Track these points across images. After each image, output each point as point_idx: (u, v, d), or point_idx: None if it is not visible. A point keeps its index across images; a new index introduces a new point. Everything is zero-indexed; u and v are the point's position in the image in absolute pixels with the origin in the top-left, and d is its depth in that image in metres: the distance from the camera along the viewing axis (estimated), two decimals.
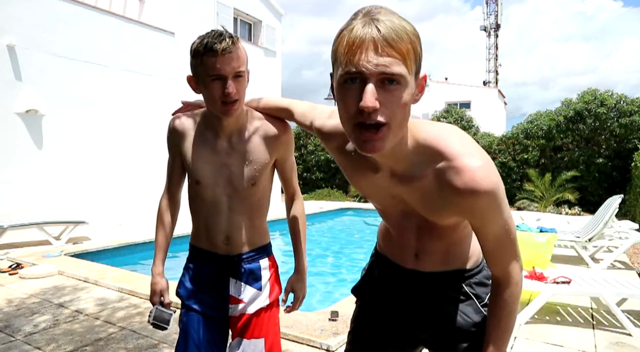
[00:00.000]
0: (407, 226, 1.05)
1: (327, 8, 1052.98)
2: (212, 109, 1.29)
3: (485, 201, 0.83)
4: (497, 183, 0.84)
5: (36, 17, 7.12)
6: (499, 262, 0.95)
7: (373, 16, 0.74)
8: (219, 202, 1.38)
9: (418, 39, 0.77)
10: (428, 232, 1.03)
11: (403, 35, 0.73)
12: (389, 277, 1.16)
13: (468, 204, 0.84)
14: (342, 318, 3.04)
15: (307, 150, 16.55)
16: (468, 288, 1.08)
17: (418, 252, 1.07)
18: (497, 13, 40.03)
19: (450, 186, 0.84)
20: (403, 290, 1.12)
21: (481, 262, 1.11)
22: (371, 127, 0.76)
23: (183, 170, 1.46)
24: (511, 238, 0.92)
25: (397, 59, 0.73)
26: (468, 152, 0.85)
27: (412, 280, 1.10)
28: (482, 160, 0.84)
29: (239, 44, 1.23)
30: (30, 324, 3.16)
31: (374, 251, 1.26)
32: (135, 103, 8.68)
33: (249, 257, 1.44)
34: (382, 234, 1.22)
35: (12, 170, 6.80)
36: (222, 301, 1.42)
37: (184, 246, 1.63)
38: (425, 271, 1.08)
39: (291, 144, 1.45)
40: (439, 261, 1.07)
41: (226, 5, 11.15)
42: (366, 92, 0.72)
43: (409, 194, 0.94)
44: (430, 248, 1.05)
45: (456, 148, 0.85)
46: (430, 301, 1.09)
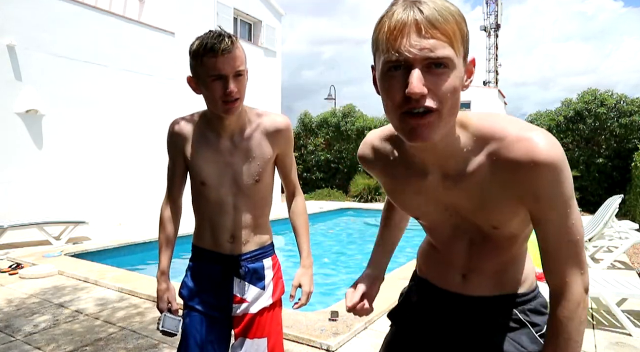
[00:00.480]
0: (458, 242, 0.94)
1: (327, 8, 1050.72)
2: (214, 109, 1.30)
3: (548, 177, 0.73)
4: (563, 157, 0.74)
5: (36, 17, 7.12)
6: (557, 269, 0.79)
7: None
8: (224, 202, 1.39)
9: (464, 20, 0.72)
10: (480, 248, 0.91)
11: (448, 16, 0.68)
12: (430, 303, 1.03)
13: (528, 182, 0.75)
14: (342, 318, 3.04)
15: (307, 151, 16.55)
16: (522, 315, 0.92)
17: (466, 273, 0.94)
18: (497, 13, 40.05)
19: (507, 162, 0.76)
20: (445, 317, 0.99)
21: (536, 288, 0.98)
22: (419, 114, 0.70)
23: (185, 173, 1.46)
24: (576, 239, 0.78)
25: (442, 41, 0.68)
26: (528, 128, 0.76)
27: (456, 305, 0.96)
28: (542, 132, 0.75)
29: (237, 44, 1.24)
30: (30, 324, 3.16)
31: (413, 275, 1.14)
32: (135, 103, 8.68)
33: (253, 257, 1.45)
34: (423, 255, 1.09)
35: (12, 170, 6.80)
36: (226, 301, 1.42)
37: (185, 246, 1.63)
38: (472, 295, 0.94)
39: (291, 138, 1.47)
40: (489, 283, 0.93)
41: (226, 5, 11.15)
42: (412, 77, 0.68)
43: (464, 196, 0.84)
44: (480, 267, 0.93)
45: (511, 126, 0.77)
46: (476, 329, 0.95)
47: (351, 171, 15.53)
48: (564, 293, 0.79)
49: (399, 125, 0.74)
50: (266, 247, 1.49)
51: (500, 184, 0.79)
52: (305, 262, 1.53)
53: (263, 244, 1.48)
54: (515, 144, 0.75)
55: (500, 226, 0.86)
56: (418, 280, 1.09)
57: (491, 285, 0.93)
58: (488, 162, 0.79)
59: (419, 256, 1.11)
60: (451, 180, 0.84)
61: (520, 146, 0.74)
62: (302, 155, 16.50)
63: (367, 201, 13.87)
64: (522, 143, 0.74)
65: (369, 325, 3.03)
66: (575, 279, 0.79)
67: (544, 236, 0.79)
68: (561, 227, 0.77)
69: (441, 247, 0.99)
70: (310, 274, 1.53)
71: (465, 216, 0.88)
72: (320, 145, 16.41)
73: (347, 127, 15.71)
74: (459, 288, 0.95)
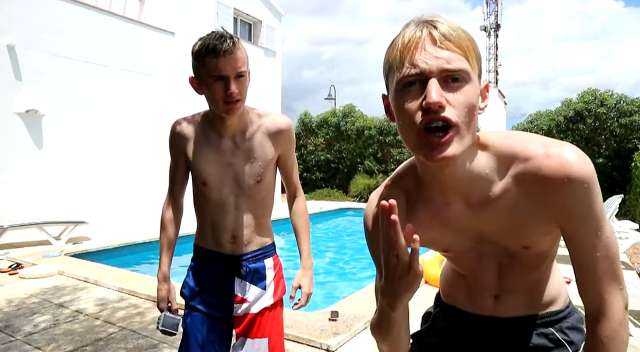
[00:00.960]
0: (486, 267, 0.90)
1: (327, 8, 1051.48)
2: (215, 109, 1.31)
3: (581, 192, 0.71)
4: (593, 171, 0.73)
5: (36, 17, 7.12)
6: (594, 287, 0.76)
7: (427, 20, 0.70)
8: (226, 202, 1.40)
9: (474, 40, 0.71)
10: (510, 268, 0.88)
11: (461, 34, 0.68)
12: (460, 330, 0.97)
13: (561, 199, 0.72)
14: (342, 318, 3.04)
15: (307, 150, 16.55)
16: (560, 334, 0.89)
17: (498, 294, 0.90)
18: (497, 13, 40.06)
19: (538, 181, 0.73)
20: (479, 341, 0.94)
21: (570, 304, 0.94)
22: (438, 129, 0.68)
23: (186, 173, 1.47)
24: (611, 254, 0.75)
25: (458, 53, 0.67)
26: (552, 143, 0.74)
27: (490, 329, 0.92)
28: (571, 147, 0.73)
29: (239, 45, 1.25)
30: (30, 324, 3.16)
31: (437, 301, 1.08)
32: (135, 103, 8.68)
33: (254, 257, 1.45)
34: (448, 281, 1.03)
35: (12, 170, 6.80)
36: (227, 301, 1.43)
37: (186, 245, 1.64)
38: (506, 317, 0.90)
39: (293, 139, 1.48)
40: (521, 303, 0.90)
41: (226, 5, 11.15)
42: (429, 87, 0.66)
43: (491, 221, 0.80)
44: (512, 288, 0.89)
45: (534, 145, 0.74)
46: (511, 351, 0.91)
47: (351, 171, 15.53)
48: (603, 311, 0.76)
49: (417, 144, 0.70)
50: (267, 247, 1.49)
51: (530, 203, 0.76)
52: (305, 263, 1.54)
53: (264, 244, 1.48)
54: (545, 162, 0.72)
55: (532, 245, 0.83)
56: (444, 306, 1.03)
57: (524, 305, 0.90)
58: (514, 183, 0.76)
59: (442, 282, 1.06)
60: (476, 206, 0.80)
61: (551, 163, 0.72)
62: (302, 155, 16.50)
63: (367, 201, 13.85)
64: (553, 160, 0.72)
65: (369, 325, 3.03)
66: (614, 296, 0.76)
67: (578, 253, 0.77)
68: (595, 242, 0.75)
69: (469, 274, 0.94)
70: (310, 276, 1.53)
71: (493, 240, 0.85)
72: (320, 145, 16.41)
73: (347, 127, 15.70)
74: (491, 311, 0.92)
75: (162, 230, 1.51)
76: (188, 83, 1.35)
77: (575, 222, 0.75)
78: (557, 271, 0.94)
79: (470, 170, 0.76)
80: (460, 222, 0.82)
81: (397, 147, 14.96)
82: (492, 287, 0.90)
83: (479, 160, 0.77)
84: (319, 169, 16.35)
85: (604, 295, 0.76)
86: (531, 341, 0.89)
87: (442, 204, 0.82)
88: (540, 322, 0.90)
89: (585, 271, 0.77)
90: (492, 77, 39.43)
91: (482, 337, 0.94)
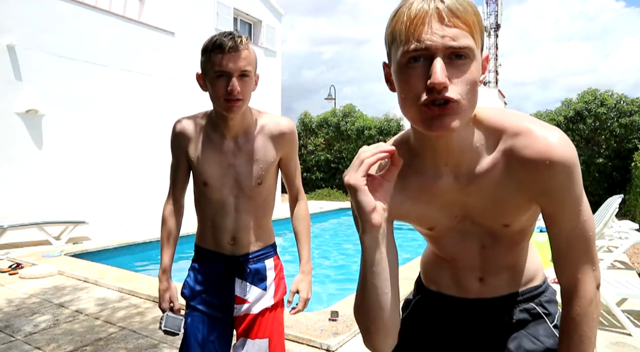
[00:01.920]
0: (468, 248, 0.91)
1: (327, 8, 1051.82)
2: (216, 106, 1.32)
3: (562, 175, 0.74)
4: (576, 155, 0.75)
5: (36, 17, 7.12)
6: (569, 266, 0.79)
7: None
8: (226, 203, 1.39)
9: (480, 14, 0.71)
10: (493, 249, 0.90)
11: (467, 7, 0.67)
12: (444, 315, 0.99)
13: (543, 180, 0.75)
14: (342, 318, 3.04)
15: (307, 150, 16.56)
16: (540, 308, 0.93)
17: (483, 276, 0.93)
18: (497, 13, 40.07)
19: (522, 160, 0.75)
20: (465, 325, 0.96)
21: (546, 278, 0.99)
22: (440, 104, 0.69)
23: (188, 173, 1.47)
24: (588, 236, 0.78)
25: (464, 30, 0.67)
26: (540, 125, 0.76)
27: (476, 311, 0.94)
28: (557, 131, 0.75)
29: (248, 45, 1.28)
30: (30, 324, 3.16)
31: (417, 287, 1.08)
32: (135, 103, 8.68)
33: (255, 257, 1.45)
34: (429, 266, 1.04)
35: (12, 170, 6.80)
36: (228, 301, 1.42)
37: (187, 245, 1.63)
38: (491, 297, 0.93)
39: (296, 142, 1.47)
40: (506, 282, 0.93)
41: (226, 5, 11.15)
42: (435, 67, 0.66)
43: (477, 196, 0.82)
44: (495, 268, 0.92)
45: (525, 123, 0.76)
46: (496, 330, 0.93)
47: None
48: (576, 290, 0.79)
49: (417, 116, 0.71)
50: (268, 248, 1.49)
51: (514, 181, 0.78)
52: (304, 268, 1.53)
53: (265, 245, 1.48)
54: (530, 142, 0.74)
55: (512, 223, 0.85)
56: (426, 292, 1.04)
57: (507, 283, 0.93)
58: (502, 158, 0.78)
59: (424, 267, 1.06)
60: (464, 179, 0.81)
61: (536, 144, 0.74)
62: (302, 155, 16.50)
63: None
64: (538, 141, 0.74)
65: None
66: (587, 276, 0.79)
67: (556, 233, 0.79)
68: (573, 224, 0.77)
69: (450, 257, 0.96)
70: (308, 281, 1.53)
71: (475, 219, 0.86)
72: (320, 145, 16.42)
73: (347, 127, 15.71)
74: (477, 293, 0.93)
75: (163, 229, 1.51)
76: (188, 83, 1.36)
77: (555, 203, 0.77)
78: (532, 248, 0.97)
79: (463, 141, 0.78)
80: (447, 195, 0.84)
81: None
82: (476, 269, 0.93)
83: (472, 133, 0.79)
84: (319, 169, 16.36)
85: (577, 275, 0.79)
86: (514, 317, 0.93)
87: (433, 176, 0.84)
88: (522, 299, 0.93)
89: (563, 251, 0.79)
90: (492, 77, 39.44)
91: (468, 319, 0.95)
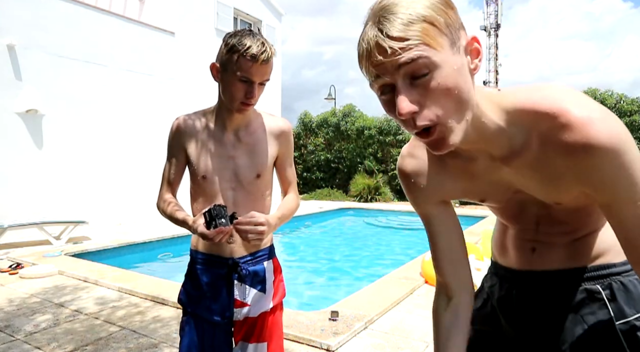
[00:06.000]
0: (524, 217, 0.87)
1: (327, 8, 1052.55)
2: (229, 104, 1.33)
3: (607, 163, 0.63)
4: (623, 138, 0.63)
5: (36, 17, 7.12)
6: None
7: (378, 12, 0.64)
8: (224, 197, 1.38)
9: (436, 8, 0.63)
10: (548, 220, 0.84)
11: (412, 18, 0.61)
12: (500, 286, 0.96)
13: (584, 169, 0.66)
14: (342, 318, 3.04)
15: (307, 150, 16.56)
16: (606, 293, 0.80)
17: (535, 247, 0.87)
18: (497, 13, 40.08)
19: (560, 147, 0.66)
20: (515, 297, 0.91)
21: None
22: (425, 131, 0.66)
23: (182, 171, 1.46)
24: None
25: (410, 47, 0.61)
26: (578, 103, 0.66)
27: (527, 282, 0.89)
28: (598, 109, 0.65)
29: (274, 57, 1.31)
30: (30, 324, 3.16)
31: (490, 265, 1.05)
32: (135, 103, 8.69)
33: (254, 259, 1.43)
34: (495, 239, 1.01)
35: (12, 170, 6.80)
36: (227, 305, 1.40)
37: (186, 246, 1.62)
38: (542, 270, 0.86)
39: (292, 142, 1.49)
40: (563, 256, 0.85)
41: (226, 5, 11.15)
42: (398, 101, 0.63)
43: (517, 175, 0.77)
44: (549, 240, 0.85)
45: (559, 101, 0.67)
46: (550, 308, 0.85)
47: (351, 171, 15.54)
48: None
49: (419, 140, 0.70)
50: (267, 249, 1.48)
51: (552, 167, 0.70)
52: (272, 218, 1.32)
53: (264, 246, 1.47)
54: (566, 126, 0.65)
55: (562, 202, 0.77)
56: (492, 263, 1.03)
57: (565, 257, 0.84)
58: (537, 143, 0.70)
59: (492, 243, 1.04)
60: (499, 161, 0.76)
61: (572, 128, 0.64)
62: (302, 155, 16.50)
63: (367, 201, 13.87)
64: (575, 125, 0.64)
65: (369, 325, 3.03)
66: None
67: (619, 225, 0.69)
68: (636, 211, 0.66)
69: (511, 224, 0.92)
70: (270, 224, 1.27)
71: (527, 192, 0.81)
72: (320, 145, 16.42)
73: (347, 127, 15.71)
74: (528, 264, 0.89)
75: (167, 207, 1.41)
76: (188, 83, 1.36)
77: (605, 194, 0.67)
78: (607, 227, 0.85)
79: (485, 130, 0.72)
80: (490, 175, 0.80)
81: (397, 147, 14.95)
82: (530, 239, 0.88)
83: (493, 123, 0.72)
84: (319, 169, 16.36)
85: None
86: (570, 296, 0.83)
87: (467, 158, 0.80)
88: (587, 277, 0.82)
89: (631, 243, 0.68)
90: (492, 77, 39.45)
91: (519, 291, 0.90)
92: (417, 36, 0.61)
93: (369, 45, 0.63)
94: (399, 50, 0.61)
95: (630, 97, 11.67)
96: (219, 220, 1.18)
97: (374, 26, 0.63)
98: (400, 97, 0.63)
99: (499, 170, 0.78)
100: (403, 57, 0.61)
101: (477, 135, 0.72)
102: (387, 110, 0.68)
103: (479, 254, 4.24)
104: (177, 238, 6.49)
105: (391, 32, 0.61)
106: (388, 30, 0.61)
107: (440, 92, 0.63)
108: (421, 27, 0.61)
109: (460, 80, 0.64)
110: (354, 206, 12.21)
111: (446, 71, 0.63)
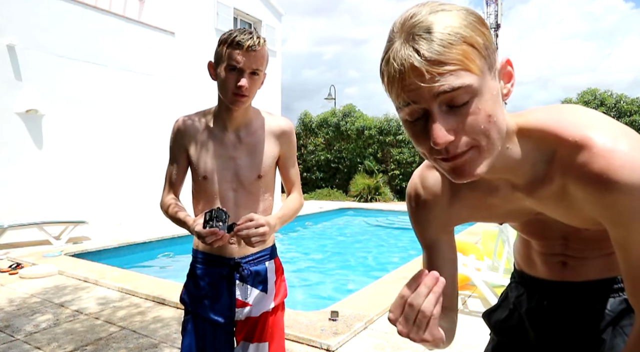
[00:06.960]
0: (550, 236, 0.83)
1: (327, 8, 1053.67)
2: (223, 97, 1.34)
3: (629, 200, 0.58)
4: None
5: (36, 17, 7.12)
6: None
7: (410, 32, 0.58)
8: (225, 197, 1.38)
9: (475, 26, 0.58)
10: (577, 239, 0.80)
11: (451, 39, 0.56)
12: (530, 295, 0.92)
13: (603, 204, 0.61)
14: (342, 318, 3.04)
15: (307, 150, 16.57)
16: None
17: (566, 261, 0.84)
18: (497, 13, 40.08)
19: (579, 176, 0.62)
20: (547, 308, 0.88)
21: None
22: None
23: (185, 171, 1.46)
24: None
25: (452, 72, 0.55)
26: (604, 132, 0.61)
27: (561, 293, 0.85)
28: (626, 141, 0.59)
29: (264, 46, 1.31)
30: (31, 324, 3.17)
31: (513, 272, 1.02)
32: (135, 103, 8.68)
33: (255, 259, 1.43)
34: (518, 249, 0.98)
35: (12, 170, 6.80)
36: (228, 305, 1.41)
37: (186, 246, 1.62)
38: (578, 281, 0.83)
39: (294, 142, 1.49)
40: (597, 268, 0.81)
41: (226, 5, 11.15)
42: (431, 126, 0.58)
43: (540, 205, 0.73)
44: (580, 256, 0.82)
45: (584, 130, 0.62)
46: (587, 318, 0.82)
47: (351, 171, 15.54)
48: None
49: (438, 167, 0.65)
50: (269, 249, 1.48)
51: (574, 197, 0.66)
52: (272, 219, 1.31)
53: (265, 246, 1.46)
54: (589, 157, 0.60)
55: (591, 228, 0.74)
56: (517, 272, 0.99)
57: (600, 269, 0.81)
58: (559, 173, 0.66)
59: (515, 251, 1.01)
60: (523, 191, 0.73)
61: (595, 161, 0.60)
62: (302, 155, 16.51)
63: (367, 201, 13.88)
64: (599, 157, 0.59)
65: (369, 325, 3.03)
66: None
67: (626, 260, 0.65)
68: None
69: (533, 240, 0.89)
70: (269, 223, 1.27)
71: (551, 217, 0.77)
72: (320, 145, 16.42)
73: (347, 127, 15.71)
74: (561, 276, 0.85)
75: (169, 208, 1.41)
76: (188, 83, 1.36)
77: (620, 230, 0.63)
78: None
79: (508, 159, 0.68)
80: (511, 203, 0.76)
81: (397, 147, 14.96)
82: (558, 254, 0.84)
83: (518, 148, 0.68)
84: (319, 169, 16.36)
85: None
86: (608, 307, 0.80)
87: (487, 190, 0.76)
88: (620, 287, 0.80)
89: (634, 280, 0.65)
90: None
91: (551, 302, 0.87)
92: (458, 60, 0.56)
93: (403, 67, 0.57)
94: (437, 76, 0.55)
95: (630, 97, 11.68)
96: (217, 222, 1.18)
97: (407, 44, 0.57)
98: (435, 125, 0.58)
99: (521, 199, 0.74)
100: (444, 85, 0.55)
101: (502, 164, 0.68)
102: (413, 136, 0.62)
103: (479, 254, 4.24)
104: (177, 238, 6.49)
105: (429, 54, 0.55)
106: (425, 51, 0.56)
107: (479, 122, 0.59)
108: (462, 49, 0.56)
109: (498, 108, 0.60)
110: (354, 206, 12.21)
111: (486, 97, 0.59)
